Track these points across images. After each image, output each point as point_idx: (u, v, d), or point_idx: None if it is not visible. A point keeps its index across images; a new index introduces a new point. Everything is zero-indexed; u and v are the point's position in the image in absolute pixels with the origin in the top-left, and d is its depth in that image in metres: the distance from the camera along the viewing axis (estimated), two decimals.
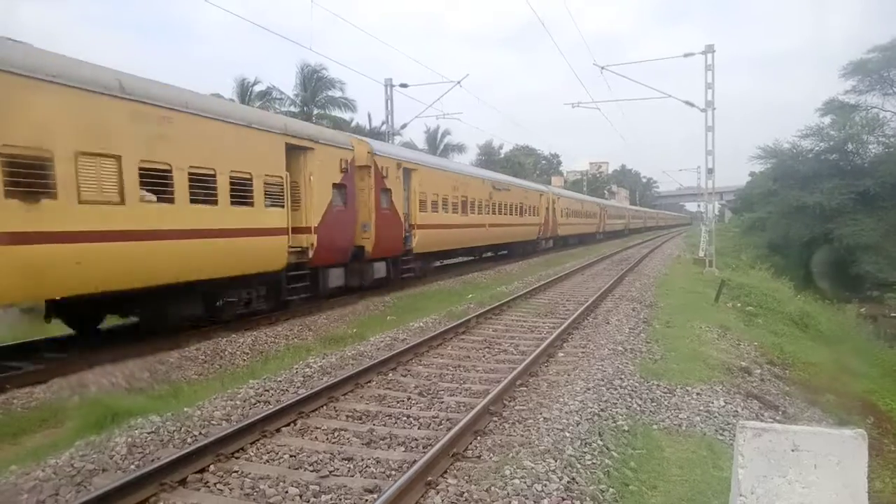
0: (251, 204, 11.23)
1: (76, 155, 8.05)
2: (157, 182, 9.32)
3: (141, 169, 8.95)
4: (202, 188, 10.17)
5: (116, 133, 8.62)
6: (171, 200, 9.54)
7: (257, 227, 11.33)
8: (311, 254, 13.04)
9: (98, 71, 8.67)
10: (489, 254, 29.50)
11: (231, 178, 10.72)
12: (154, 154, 9.23)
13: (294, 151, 12.71)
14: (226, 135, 10.75)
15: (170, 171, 9.50)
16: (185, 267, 9.83)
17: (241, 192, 10.97)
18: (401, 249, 17.77)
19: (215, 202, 10.39)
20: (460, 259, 26.85)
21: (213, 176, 10.34)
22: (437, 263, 22.84)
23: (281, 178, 12.09)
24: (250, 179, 11.23)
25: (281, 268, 12.26)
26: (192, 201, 9.92)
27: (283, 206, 12.08)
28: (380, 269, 16.49)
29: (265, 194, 11.61)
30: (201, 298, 10.83)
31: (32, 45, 8.07)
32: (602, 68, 24.99)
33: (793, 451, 3.12)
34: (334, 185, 14.00)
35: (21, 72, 7.49)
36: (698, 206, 79.44)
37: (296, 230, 12.54)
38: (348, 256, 15.01)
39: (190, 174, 9.84)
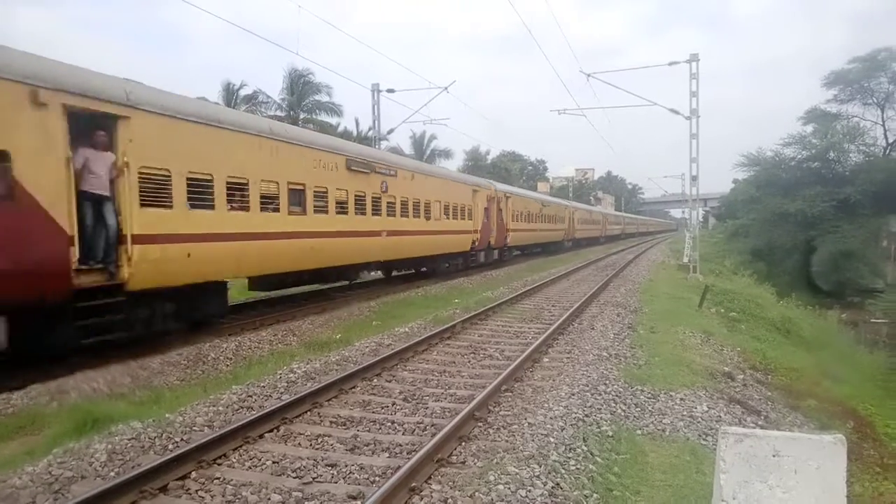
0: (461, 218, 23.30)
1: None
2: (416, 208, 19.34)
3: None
4: (440, 211, 21.33)
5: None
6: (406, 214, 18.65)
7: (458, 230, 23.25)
8: (476, 243, 24.99)
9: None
10: (538, 250, 38.88)
11: (448, 206, 22.10)
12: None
13: (474, 191, 25.00)
14: (449, 187, 22.69)
15: (419, 203, 19.70)
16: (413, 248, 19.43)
17: (455, 213, 22.79)
18: (504, 243, 29.32)
19: (446, 218, 21.86)
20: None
21: (441, 205, 21.19)
22: (517, 253, 34.12)
23: (468, 205, 24.28)
24: (460, 206, 23.29)
25: (468, 249, 24.49)
26: (414, 217, 19.28)
27: (470, 219, 24.31)
28: (495, 253, 28.50)
29: (461, 213, 23.35)
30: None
31: (208, 102, 10.80)
32: (588, 76, 25.21)
33: (774, 456, 3.14)
34: (484, 208, 25.77)
35: (212, 123, 10.51)
36: (683, 212, 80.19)
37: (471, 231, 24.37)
38: (486, 245, 26.51)
39: (425, 203, 19.94)
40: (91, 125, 8.56)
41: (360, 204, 15.78)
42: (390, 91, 27.08)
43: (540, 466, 5.08)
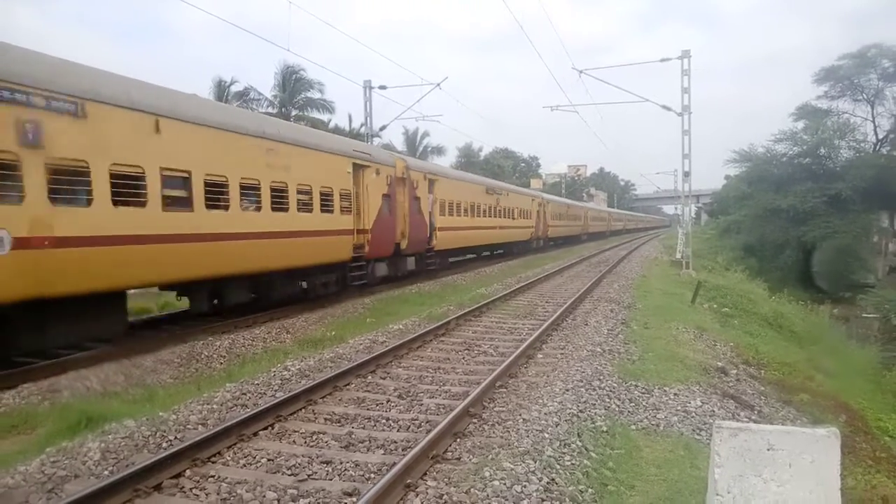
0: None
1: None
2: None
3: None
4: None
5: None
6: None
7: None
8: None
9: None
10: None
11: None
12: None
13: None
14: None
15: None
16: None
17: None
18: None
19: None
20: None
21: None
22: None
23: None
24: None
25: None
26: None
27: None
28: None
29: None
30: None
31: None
32: (580, 72, 25.19)
33: (768, 450, 3.16)
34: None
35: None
36: (675, 208, 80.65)
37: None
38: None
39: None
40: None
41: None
42: (382, 88, 27.03)
43: (535, 462, 5.09)
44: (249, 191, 11.86)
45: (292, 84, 38.53)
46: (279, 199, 12.66)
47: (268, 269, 12.72)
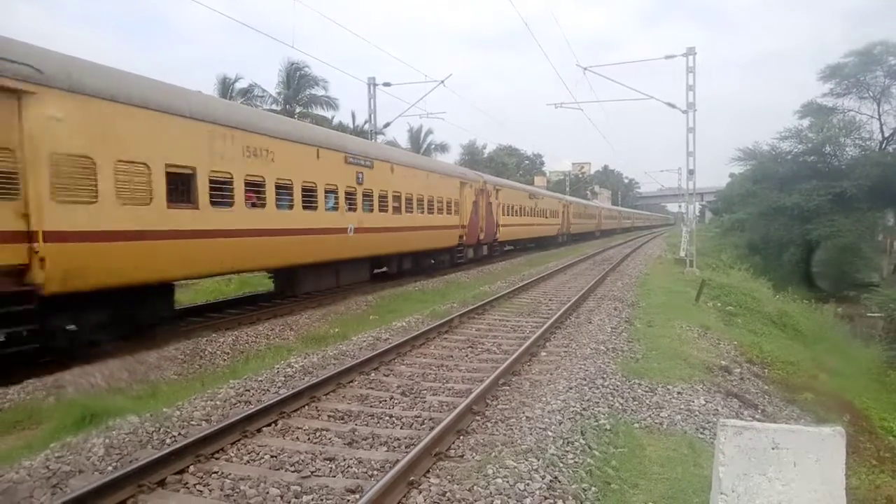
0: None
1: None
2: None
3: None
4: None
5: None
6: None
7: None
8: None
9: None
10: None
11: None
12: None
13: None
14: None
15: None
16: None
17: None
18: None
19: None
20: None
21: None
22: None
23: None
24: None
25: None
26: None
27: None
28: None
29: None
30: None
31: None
32: (585, 69, 25.11)
33: (773, 448, 3.14)
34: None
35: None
36: (679, 206, 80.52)
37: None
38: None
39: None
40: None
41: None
42: (386, 85, 26.99)
43: (538, 460, 5.08)
44: (417, 202, 20.03)
45: (297, 81, 38.52)
46: (430, 205, 21.06)
47: (421, 249, 20.85)
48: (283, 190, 12.87)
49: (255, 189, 11.98)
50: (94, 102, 8.72)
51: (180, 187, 10.27)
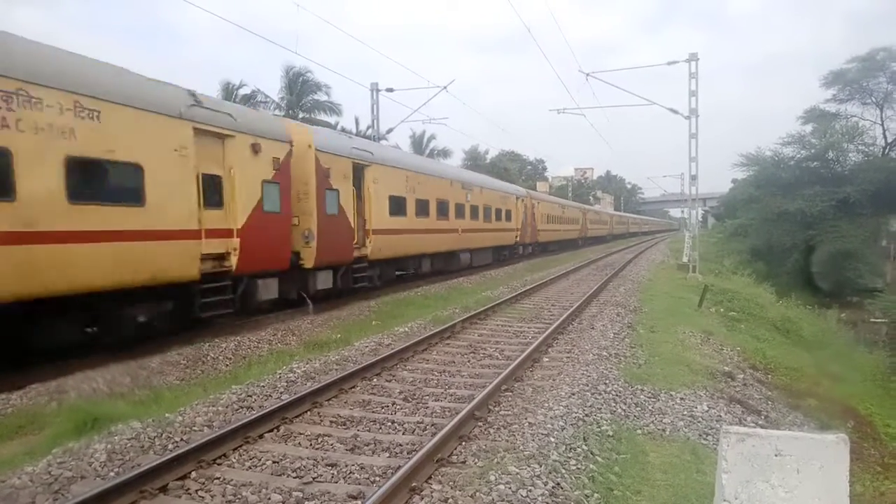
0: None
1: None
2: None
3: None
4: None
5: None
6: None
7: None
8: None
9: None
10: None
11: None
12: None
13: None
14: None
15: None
16: None
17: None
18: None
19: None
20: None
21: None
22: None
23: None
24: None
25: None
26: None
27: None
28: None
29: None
30: None
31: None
32: (587, 75, 25.17)
33: (776, 455, 3.13)
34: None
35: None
36: (682, 211, 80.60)
37: None
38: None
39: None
40: None
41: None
42: (389, 90, 27.03)
43: (540, 466, 5.07)
44: (495, 212, 28.62)
45: (299, 86, 38.65)
46: (499, 214, 29.00)
47: (496, 245, 29.28)
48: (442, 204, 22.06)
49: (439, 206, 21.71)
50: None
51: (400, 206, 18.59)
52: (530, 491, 4.62)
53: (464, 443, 5.80)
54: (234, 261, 11.13)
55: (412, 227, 19.37)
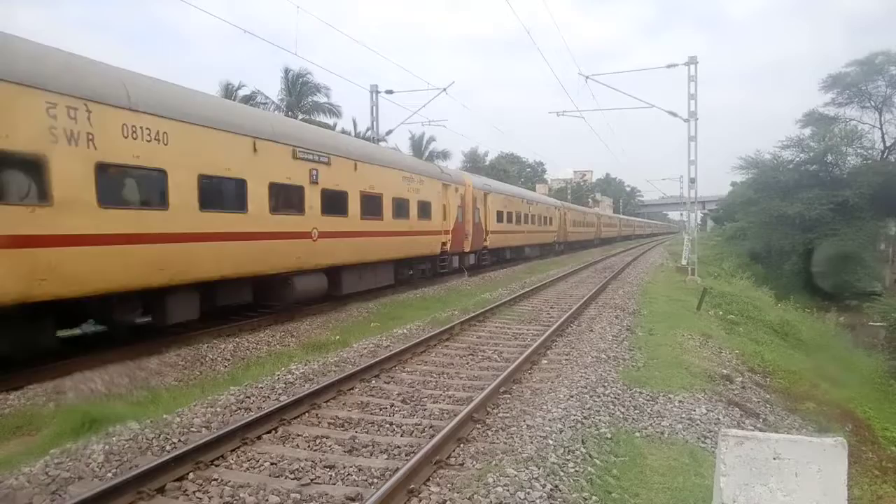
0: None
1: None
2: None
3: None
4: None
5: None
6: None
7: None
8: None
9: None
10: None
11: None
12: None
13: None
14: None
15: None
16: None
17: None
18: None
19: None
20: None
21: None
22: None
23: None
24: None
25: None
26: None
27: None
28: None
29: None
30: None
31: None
32: (587, 78, 25.17)
33: (774, 459, 3.13)
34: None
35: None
36: (681, 214, 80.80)
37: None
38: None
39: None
40: None
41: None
42: (389, 92, 27.03)
43: (539, 468, 5.06)
44: (542, 219, 36.97)
45: (299, 88, 38.67)
46: (544, 220, 37.68)
47: (537, 243, 36.80)
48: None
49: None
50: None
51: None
52: (528, 493, 4.62)
53: (462, 445, 5.80)
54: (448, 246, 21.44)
55: (506, 230, 29.70)
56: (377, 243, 16.38)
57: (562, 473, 5.09)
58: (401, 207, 18.01)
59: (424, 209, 19.70)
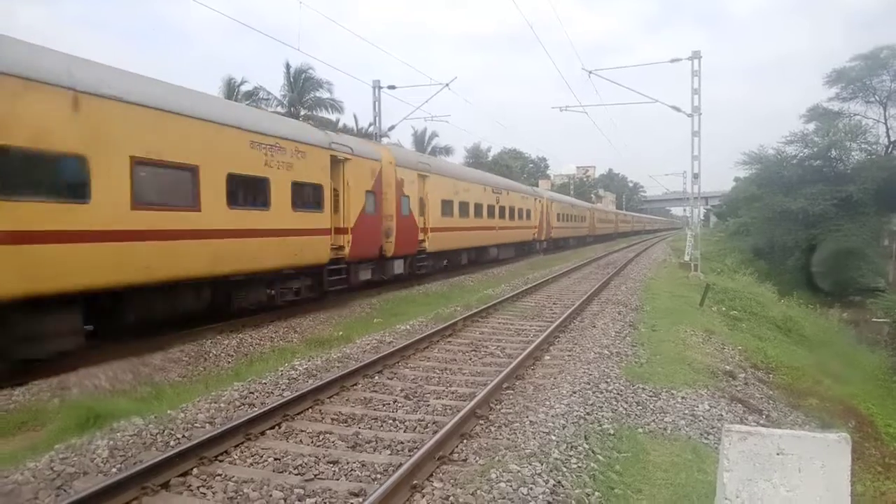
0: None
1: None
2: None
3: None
4: None
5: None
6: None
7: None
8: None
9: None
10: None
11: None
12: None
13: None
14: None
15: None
16: None
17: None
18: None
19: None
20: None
21: None
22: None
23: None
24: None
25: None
26: None
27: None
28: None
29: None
30: None
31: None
32: (590, 73, 25.10)
33: (777, 454, 3.13)
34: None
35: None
36: (684, 210, 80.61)
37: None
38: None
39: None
40: None
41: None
42: (392, 88, 26.99)
43: (542, 464, 5.07)
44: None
45: (301, 83, 38.65)
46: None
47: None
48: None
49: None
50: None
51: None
52: (531, 489, 4.63)
53: (465, 441, 5.81)
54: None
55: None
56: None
57: (565, 469, 5.10)
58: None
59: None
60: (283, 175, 12.40)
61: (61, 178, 8.37)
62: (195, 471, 5.06)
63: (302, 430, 6.10)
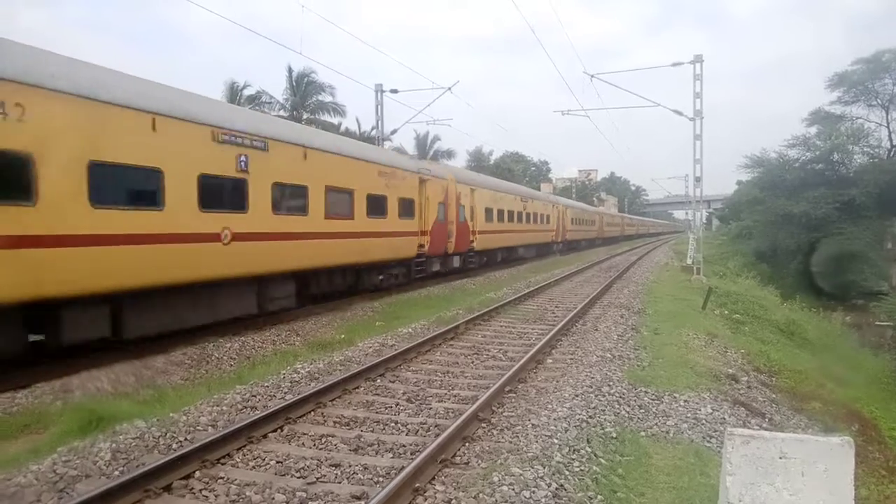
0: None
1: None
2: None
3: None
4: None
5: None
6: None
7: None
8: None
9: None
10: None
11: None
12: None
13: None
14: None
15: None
16: None
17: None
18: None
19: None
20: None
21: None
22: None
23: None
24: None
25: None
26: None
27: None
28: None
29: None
30: None
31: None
32: (592, 76, 25.14)
33: (780, 458, 3.13)
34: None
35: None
36: (686, 213, 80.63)
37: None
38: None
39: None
40: None
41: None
42: (394, 91, 27.02)
43: (544, 468, 5.07)
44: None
45: (304, 87, 38.70)
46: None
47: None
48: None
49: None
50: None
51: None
52: (533, 492, 4.63)
53: (467, 444, 5.80)
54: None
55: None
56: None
57: (567, 472, 5.10)
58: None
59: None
60: (393, 193, 17.24)
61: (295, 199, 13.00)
62: (197, 474, 5.06)
63: (304, 433, 6.10)
